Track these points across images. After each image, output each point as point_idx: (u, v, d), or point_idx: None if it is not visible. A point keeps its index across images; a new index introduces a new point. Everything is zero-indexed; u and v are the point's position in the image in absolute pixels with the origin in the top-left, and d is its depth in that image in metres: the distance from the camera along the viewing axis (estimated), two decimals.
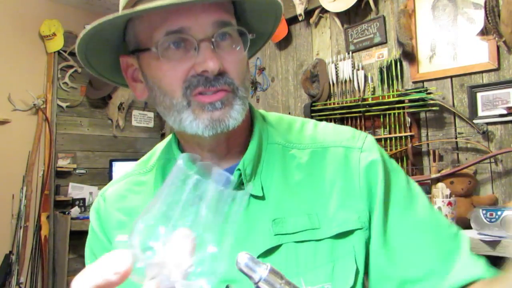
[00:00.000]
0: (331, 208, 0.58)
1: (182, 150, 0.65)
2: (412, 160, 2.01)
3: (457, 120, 1.95)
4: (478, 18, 1.87)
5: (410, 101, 2.02)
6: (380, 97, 2.18)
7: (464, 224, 1.65)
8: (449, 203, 1.60)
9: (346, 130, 0.66)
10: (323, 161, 0.62)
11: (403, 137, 2.10)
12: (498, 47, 1.80)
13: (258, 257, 0.55)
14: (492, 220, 1.47)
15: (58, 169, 3.14)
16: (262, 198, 0.59)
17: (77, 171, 3.27)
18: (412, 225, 0.59)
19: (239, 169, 0.59)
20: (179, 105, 0.55)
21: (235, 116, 0.55)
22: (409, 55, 2.09)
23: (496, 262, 0.58)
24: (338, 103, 2.37)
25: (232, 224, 0.31)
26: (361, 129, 2.29)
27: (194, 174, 0.29)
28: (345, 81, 2.39)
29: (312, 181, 0.60)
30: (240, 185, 0.60)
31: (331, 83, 2.46)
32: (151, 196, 0.63)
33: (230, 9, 0.58)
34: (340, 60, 2.42)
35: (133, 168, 0.71)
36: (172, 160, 0.65)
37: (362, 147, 0.62)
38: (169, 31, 0.53)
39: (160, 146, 0.71)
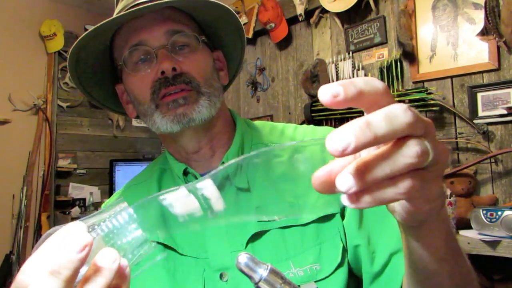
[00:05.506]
0: (312, 195, 0.63)
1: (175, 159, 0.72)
2: None
3: (457, 120, 1.95)
4: (478, 18, 1.87)
5: (411, 101, 2.02)
6: None
7: (465, 224, 1.66)
8: (450, 203, 1.60)
9: (323, 129, 0.73)
10: (302, 155, 0.67)
11: None
12: (498, 47, 1.80)
13: (247, 243, 0.61)
14: (492, 220, 1.47)
15: (59, 169, 3.14)
16: (248, 190, 0.65)
17: (78, 171, 3.27)
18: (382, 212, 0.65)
19: (223, 162, 0.65)
20: (150, 109, 0.64)
21: (199, 109, 0.62)
22: (409, 55, 2.09)
23: (496, 262, 0.58)
24: None
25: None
26: None
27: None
28: None
29: (293, 174, 0.65)
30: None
31: (331, 83, 2.46)
32: None
33: (185, 20, 0.67)
34: (341, 60, 2.42)
35: (133, 179, 0.80)
36: (167, 170, 0.73)
37: None
38: (131, 46, 0.64)
39: (157, 159, 0.81)
